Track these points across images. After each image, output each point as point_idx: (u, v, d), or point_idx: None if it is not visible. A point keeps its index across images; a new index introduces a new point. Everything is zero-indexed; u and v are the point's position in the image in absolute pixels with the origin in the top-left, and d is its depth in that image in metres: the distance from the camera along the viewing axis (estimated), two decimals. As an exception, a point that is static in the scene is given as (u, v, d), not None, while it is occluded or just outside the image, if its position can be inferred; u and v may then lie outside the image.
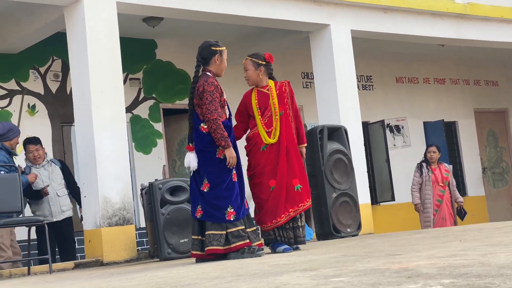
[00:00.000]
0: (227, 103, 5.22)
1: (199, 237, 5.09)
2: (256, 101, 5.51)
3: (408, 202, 9.44)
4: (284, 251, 5.26)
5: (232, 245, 4.97)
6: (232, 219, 4.98)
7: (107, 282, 3.96)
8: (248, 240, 5.02)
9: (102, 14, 7.14)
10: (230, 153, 5.01)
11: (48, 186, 7.25)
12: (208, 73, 5.16)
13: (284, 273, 3.17)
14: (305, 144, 5.64)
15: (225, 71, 5.35)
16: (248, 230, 5.10)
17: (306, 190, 5.44)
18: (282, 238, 5.37)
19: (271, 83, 5.57)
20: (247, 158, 5.49)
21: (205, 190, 5.02)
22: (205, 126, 5.03)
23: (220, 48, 5.25)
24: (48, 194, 7.25)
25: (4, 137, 6.94)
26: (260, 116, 5.47)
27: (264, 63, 5.54)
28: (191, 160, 5.07)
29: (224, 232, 4.97)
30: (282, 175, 5.34)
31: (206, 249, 4.98)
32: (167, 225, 6.52)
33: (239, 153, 5.16)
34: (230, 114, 5.24)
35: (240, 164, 5.14)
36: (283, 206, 5.32)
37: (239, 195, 5.08)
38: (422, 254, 3.52)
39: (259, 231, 5.50)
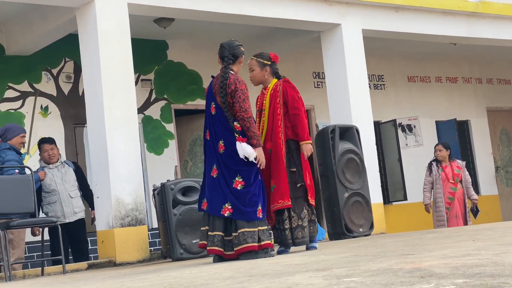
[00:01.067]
0: None
1: (220, 233, 5.00)
2: (259, 102, 5.55)
3: (421, 202, 9.41)
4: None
5: (262, 243, 4.98)
6: (261, 217, 5.02)
7: (120, 283, 3.97)
8: (270, 241, 5.06)
9: (113, 15, 7.17)
10: (260, 152, 5.03)
11: (44, 172, 7.25)
12: (231, 71, 5.17)
13: (296, 273, 3.17)
14: (307, 141, 5.41)
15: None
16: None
17: (279, 190, 5.28)
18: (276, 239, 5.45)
19: (272, 83, 5.52)
20: None
21: (238, 188, 4.98)
22: (238, 125, 5.02)
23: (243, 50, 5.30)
24: (43, 179, 7.23)
25: (2, 137, 6.90)
26: (257, 118, 5.49)
27: (269, 63, 5.51)
28: (245, 147, 4.93)
29: (257, 229, 4.97)
30: (264, 178, 5.28)
31: (240, 247, 4.91)
32: (179, 225, 6.54)
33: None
34: None
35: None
36: (270, 208, 5.34)
37: (264, 195, 5.12)
38: (435, 254, 3.50)
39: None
